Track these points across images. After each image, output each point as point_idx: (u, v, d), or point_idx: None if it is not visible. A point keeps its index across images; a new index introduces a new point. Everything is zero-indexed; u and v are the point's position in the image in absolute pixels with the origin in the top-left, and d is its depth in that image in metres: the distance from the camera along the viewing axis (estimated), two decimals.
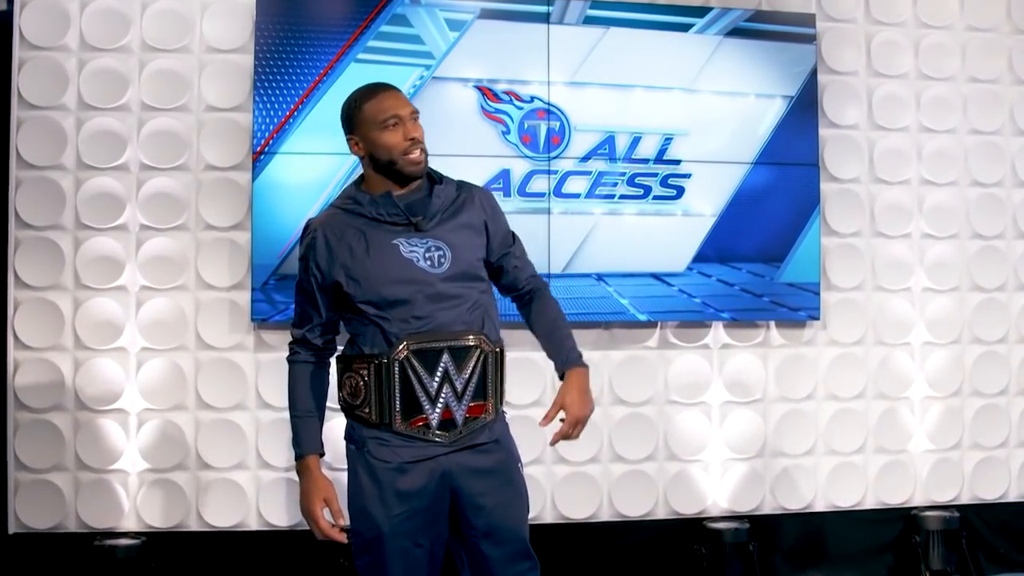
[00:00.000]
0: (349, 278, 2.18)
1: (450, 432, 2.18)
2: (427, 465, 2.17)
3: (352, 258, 2.18)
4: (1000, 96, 4.08)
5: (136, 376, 3.56)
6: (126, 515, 3.53)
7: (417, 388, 2.16)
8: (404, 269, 2.17)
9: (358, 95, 2.27)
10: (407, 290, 2.16)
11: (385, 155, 2.20)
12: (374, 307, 2.18)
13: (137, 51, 3.59)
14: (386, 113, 2.19)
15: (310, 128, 3.56)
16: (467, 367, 2.19)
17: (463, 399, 2.19)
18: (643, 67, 3.78)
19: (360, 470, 2.20)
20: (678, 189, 3.82)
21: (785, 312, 3.85)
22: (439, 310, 2.18)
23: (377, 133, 2.19)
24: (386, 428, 2.17)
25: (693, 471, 3.84)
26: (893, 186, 3.99)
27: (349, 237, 2.20)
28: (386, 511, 2.15)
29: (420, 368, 2.15)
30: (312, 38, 3.58)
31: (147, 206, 3.58)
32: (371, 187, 2.26)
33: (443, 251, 2.20)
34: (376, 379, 2.16)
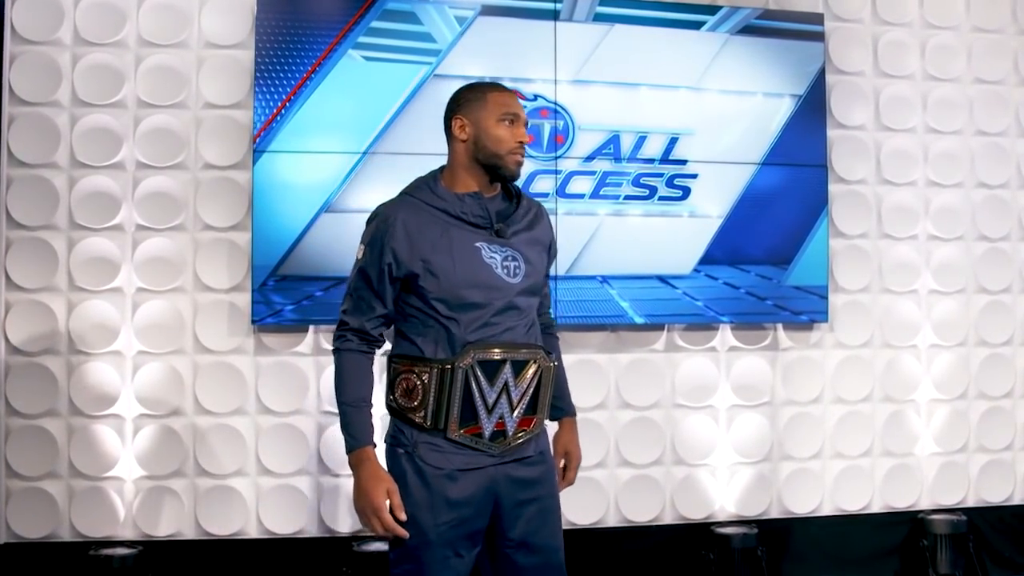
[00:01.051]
0: (428, 271, 2.12)
1: (500, 443, 2.16)
2: (477, 474, 2.14)
3: (434, 252, 2.12)
4: (1005, 97, 4.07)
5: (132, 380, 3.46)
6: (122, 524, 3.44)
7: (476, 397, 2.12)
8: (484, 273, 2.14)
9: (481, 84, 2.27)
10: (484, 295, 2.13)
11: (492, 146, 2.16)
12: (446, 306, 2.13)
13: (133, 46, 3.49)
14: (508, 108, 2.18)
15: (311, 126, 3.48)
16: (524, 380, 2.17)
17: (515, 411, 2.16)
18: (649, 65, 3.73)
19: (409, 475, 2.13)
20: (684, 190, 3.77)
21: (792, 315, 3.81)
22: (508, 320, 2.16)
23: (492, 123, 2.16)
24: (439, 434, 2.12)
25: (700, 475, 3.80)
26: (900, 187, 3.97)
27: (431, 230, 2.13)
28: (434, 518, 2.10)
29: (483, 377, 2.12)
30: (314, 33, 3.50)
31: (143, 206, 3.48)
32: (453, 183, 2.20)
33: (519, 262, 2.19)
34: (438, 384, 2.11)
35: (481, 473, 2.14)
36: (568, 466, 2.35)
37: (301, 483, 3.54)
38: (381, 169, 3.52)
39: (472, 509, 2.13)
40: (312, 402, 3.56)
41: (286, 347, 3.55)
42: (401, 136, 3.54)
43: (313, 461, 3.55)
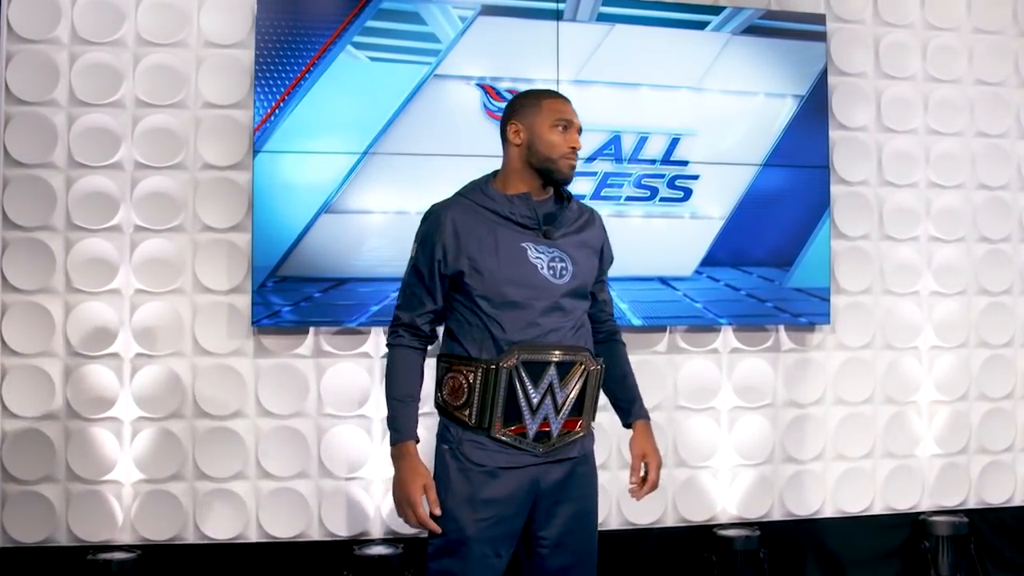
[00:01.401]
0: (473, 269, 2.17)
1: (544, 444, 2.19)
2: (518, 473, 2.17)
3: (480, 250, 2.17)
4: (1006, 99, 4.07)
5: (130, 383, 3.42)
6: (120, 528, 3.40)
7: (521, 398, 2.16)
8: (529, 273, 2.18)
9: (537, 90, 2.33)
10: (528, 294, 2.17)
11: (545, 151, 2.21)
12: (490, 304, 2.17)
13: (131, 45, 3.46)
14: (562, 114, 2.23)
15: (311, 126, 3.45)
16: (570, 382, 2.19)
17: (561, 413, 2.19)
18: (650, 65, 3.71)
19: (452, 471, 2.18)
20: (686, 191, 3.75)
21: (794, 317, 3.80)
22: (552, 321, 2.19)
23: (547, 128, 2.22)
24: (483, 432, 2.17)
25: (702, 477, 3.78)
26: (901, 189, 3.96)
27: (479, 229, 2.19)
28: (473, 514, 2.15)
29: (527, 378, 2.15)
30: (315, 32, 3.46)
31: (142, 206, 3.45)
32: (505, 185, 2.25)
33: (566, 264, 2.22)
34: (482, 383, 2.15)
35: (523, 472, 2.17)
36: (648, 469, 2.35)
37: (301, 486, 3.51)
38: (381, 169, 3.49)
39: (513, 507, 2.17)
40: (312, 405, 3.53)
41: (286, 349, 3.52)
42: (401, 136, 3.51)
43: (313, 464, 3.52)
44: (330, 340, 3.55)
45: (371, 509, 3.55)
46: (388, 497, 3.55)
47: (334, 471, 3.53)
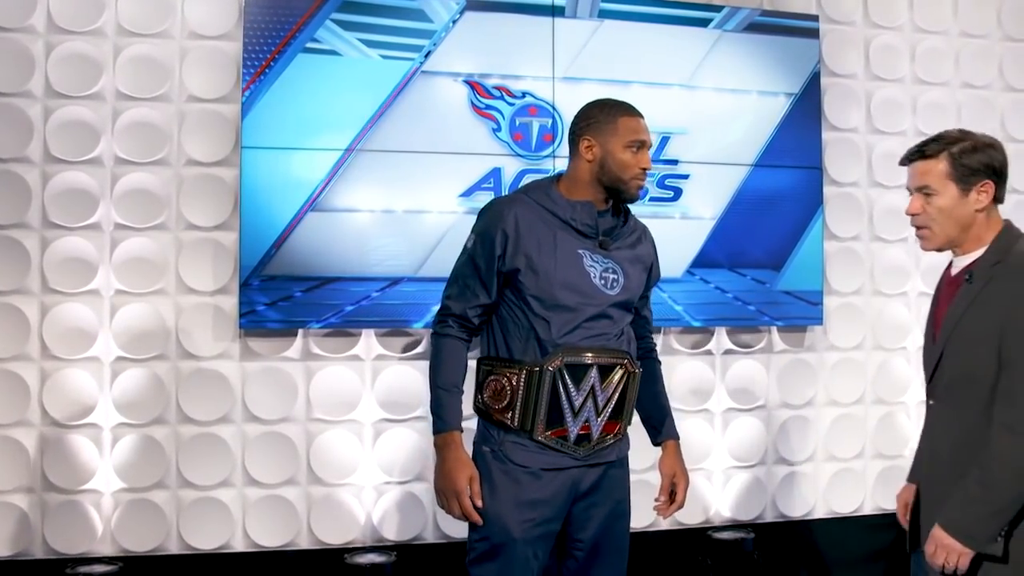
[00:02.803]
0: (530, 268, 2.17)
1: (583, 447, 2.20)
2: (560, 475, 2.19)
3: (539, 250, 2.18)
4: (992, 102, 4.11)
5: (110, 388, 3.28)
6: (100, 539, 3.25)
7: (563, 400, 2.16)
8: (582, 279, 2.19)
9: (613, 105, 2.27)
10: (578, 299, 2.18)
11: (617, 171, 2.21)
12: (541, 304, 2.18)
13: (112, 35, 3.31)
14: (638, 135, 2.23)
15: (300, 122, 3.34)
16: (611, 386, 2.21)
17: (601, 415, 2.20)
18: (640, 62, 3.66)
19: (496, 473, 2.18)
20: (676, 190, 3.72)
21: (787, 318, 3.79)
22: (598, 327, 2.20)
23: (621, 149, 2.21)
24: (526, 435, 2.18)
25: (697, 480, 3.75)
26: (891, 190, 3.98)
27: (539, 230, 2.19)
28: (519, 515, 2.15)
29: (570, 381, 2.16)
30: (304, 25, 3.35)
31: (123, 203, 3.30)
32: (569, 191, 2.26)
33: (618, 276, 2.24)
34: (526, 386, 2.16)
35: (564, 474, 2.19)
36: (677, 489, 2.38)
37: (290, 494, 3.39)
38: (367, 167, 3.40)
39: (553, 509, 2.18)
40: (301, 409, 3.42)
41: (274, 352, 3.41)
42: (389, 133, 3.42)
43: (302, 471, 3.41)
44: (319, 342, 3.44)
45: (362, 516, 3.45)
46: (379, 504, 3.46)
47: (324, 478, 3.42)
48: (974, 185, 1.99)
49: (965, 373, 1.94)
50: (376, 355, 3.47)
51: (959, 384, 1.95)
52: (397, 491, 3.48)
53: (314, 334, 3.43)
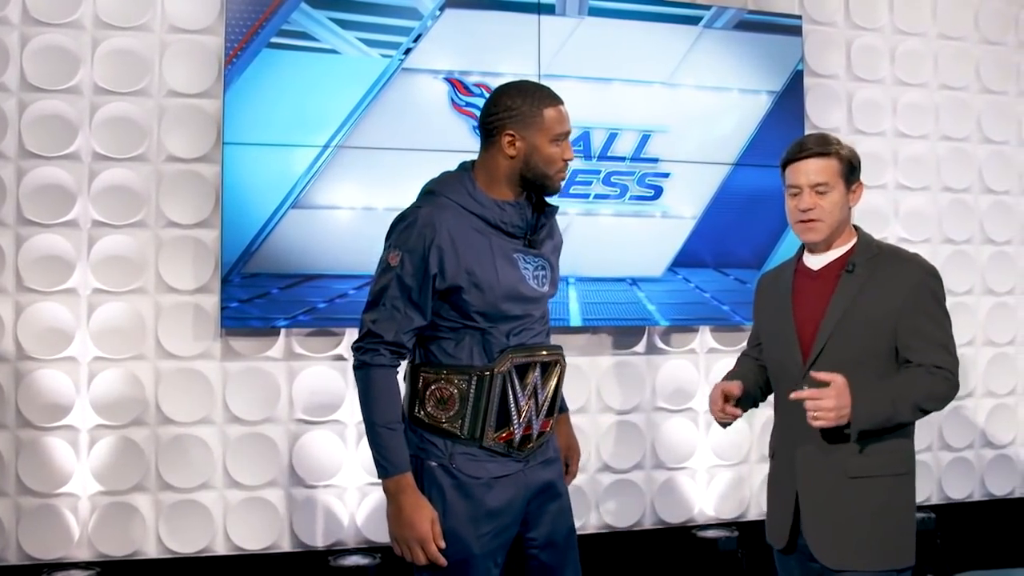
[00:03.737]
0: (473, 285, 2.03)
1: (526, 447, 2.13)
2: (510, 480, 2.10)
3: (480, 265, 2.04)
4: (969, 104, 4.16)
5: (88, 389, 3.20)
6: (76, 544, 3.18)
7: (511, 403, 2.08)
8: (522, 286, 2.10)
9: (534, 93, 2.09)
10: (523, 308, 2.10)
11: (542, 166, 2.08)
12: (485, 318, 2.06)
13: (90, 27, 3.23)
14: (563, 128, 2.10)
15: (282, 118, 3.29)
16: (549, 382, 2.16)
17: (541, 414, 2.14)
18: (621, 60, 3.65)
19: (447, 488, 2.05)
20: (656, 189, 3.71)
21: (718, 321, 3.77)
22: (537, 325, 2.16)
23: (546, 143, 2.07)
24: (474, 443, 2.06)
25: (681, 479, 3.76)
26: (871, 190, 4.00)
27: (474, 240, 2.05)
28: (476, 530, 2.05)
29: (517, 383, 2.08)
30: (287, 20, 3.30)
31: (101, 200, 3.23)
32: (491, 188, 2.10)
33: (547, 271, 2.18)
34: (476, 391, 2.04)
35: (513, 479, 2.10)
36: (571, 461, 2.37)
37: (272, 496, 3.34)
38: (349, 164, 3.36)
39: (510, 516, 2.10)
40: (284, 410, 3.37)
41: (256, 351, 3.35)
42: (370, 130, 3.38)
43: (285, 472, 3.36)
44: (302, 342, 3.39)
45: (346, 518, 3.41)
46: (364, 505, 3.42)
47: (306, 479, 3.37)
48: (852, 185, 2.15)
49: (855, 357, 2.05)
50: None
51: (847, 368, 2.01)
52: (381, 492, 3.42)
53: (296, 333, 3.38)
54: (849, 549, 2.04)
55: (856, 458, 2.04)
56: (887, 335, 2.07)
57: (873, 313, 2.07)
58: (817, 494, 2.08)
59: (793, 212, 2.16)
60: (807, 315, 2.14)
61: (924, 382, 2.02)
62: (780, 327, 2.18)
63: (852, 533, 2.04)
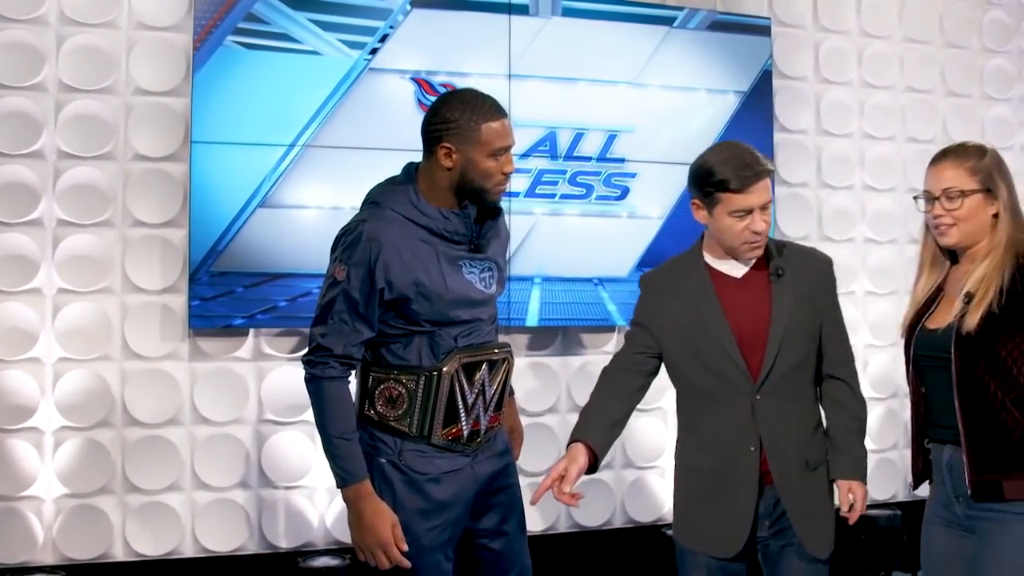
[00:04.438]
0: (420, 295, 2.09)
1: (474, 442, 2.19)
2: (459, 475, 2.17)
3: (428, 276, 2.09)
4: (934, 106, 4.22)
5: (52, 390, 3.16)
6: (40, 548, 3.13)
7: (459, 401, 2.14)
8: (470, 292, 2.16)
9: (474, 106, 2.09)
10: (471, 312, 2.17)
11: (478, 180, 2.10)
12: (434, 324, 2.13)
13: (55, 23, 3.19)
14: (503, 143, 2.10)
15: (250, 117, 3.26)
16: (496, 379, 2.22)
17: (489, 409, 2.21)
18: (588, 60, 3.65)
19: (397, 484, 2.13)
20: (622, 189, 3.71)
21: None
22: (484, 325, 2.22)
23: (483, 158, 2.08)
24: (423, 440, 2.13)
25: (650, 478, 3.78)
26: (839, 191, 4.05)
27: (421, 251, 2.10)
28: (426, 523, 2.13)
29: (464, 381, 2.15)
30: (256, 17, 3.28)
31: (66, 199, 3.19)
32: (432, 197, 2.14)
33: (493, 272, 2.23)
34: (424, 390, 2.11)
35: (461, 474, 2.17)
36: (514, 443, 2.42)
37: (240, 497, 3.32)
38: (317, 163, 3.34)
39: (459, 510, 2.18)
40: (252, 411, 3.35)
41: (224, 352, 3.32)
42: (338, 129, 3.37)
43: (253, 473, 3.34)
44: (271, 342, 3.37)
45: (315, 519, 3.39)
46: (333, 506, 3.40)
47: (275, 480, 3.35)
48: None
49: (799, 361, 2.13)
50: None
51: (792, 374, 2.12)
52: None
53: (265, 333, 3.35)
54: (828, 534, 2.15)
55: (812, 449, 2.16)
56: (816, 335, 2.18)
57: (806, 316, 2.15)
58: (797, 494, 2.11)
59: (743, 234, 2.08)
60: (745, 327, 2.11)
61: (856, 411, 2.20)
62: (717, 340, 2.11)
63: (826, 519, 2.15)
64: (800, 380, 2.15)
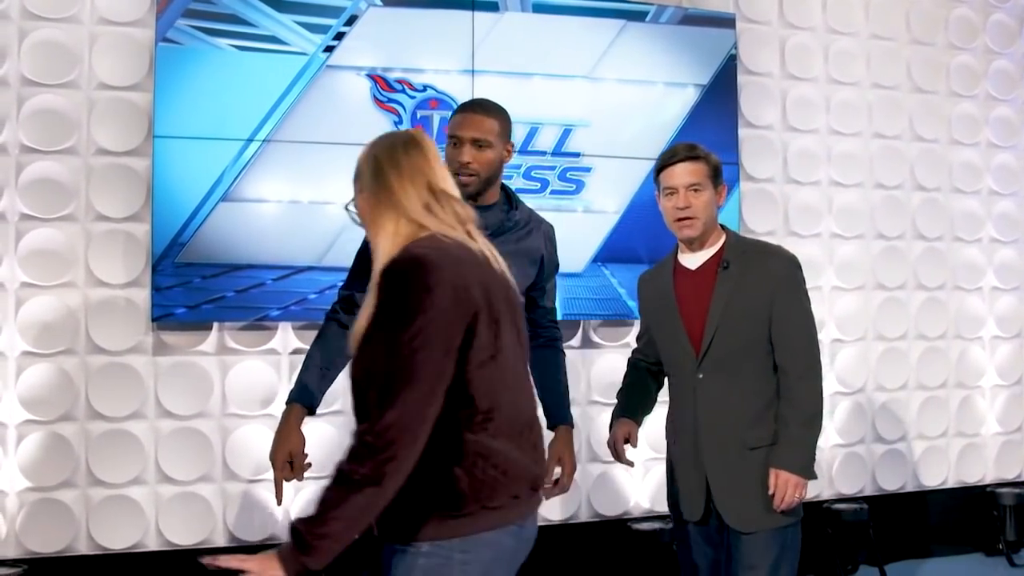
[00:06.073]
0: None
1: None
2: None
3: None
4: (900, 103, 4.25)
5: (15, 384, 3.17)
6: (3, 541, 3.14)
7: None
8: None
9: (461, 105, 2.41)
10: None
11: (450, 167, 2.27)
12: None
13: (16, 18, 3.21)
14: (451, 130, 2.32)
15: (212, 112, 3.28)
16: None
17: None
18: (542, 54, 3.66)
19: None
20: (578, 183, 3.71)
21: None
22: None
23: (447, 146, 2.32)
24: None
25: (615, 472, 3.79)
26: (805, 187, 4.08)
27: None
28: None
29: None
30: (219, 13, 3.29)
31: (28, 193, 3.20)
32: None
33: None
34: None
35: None
36: (563, 473, 2.44)
37: (205, 490, 3.33)
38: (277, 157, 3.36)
39: None
40: (216, 404, 3.36)
41: (188, 346, 3.34)
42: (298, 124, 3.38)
43: (218, 467, 3.35)
44: (235, 336, 3.38)
45: (280, 512, 3.40)
46: (298, 499, 3.41)
47: (240, 473, 3.36)
48: (718, 187, 2.37)
49: (741, 346, 2.29)
50: (293, 348, 3.42)
51: (734, 356, 2.29)
52: (315, 486, 3.41)
53: (229, 328, 3.36)
54: (756, 512, 2.27)
55: (752, 431, 2.29)
56: (764, 323, 2.31)
57: (750, 304, 2.30)
58: (724, 468, 2.30)
59: (671, 211, 2.36)
60: (692, 311, 2.35)
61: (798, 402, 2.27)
62: (669, 324, 2.40)
63: (757, 497, 2.26)
64: (745, 364, 2.30)
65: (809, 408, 2.28)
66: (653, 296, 2.48)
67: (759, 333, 2.30)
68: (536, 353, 2.39)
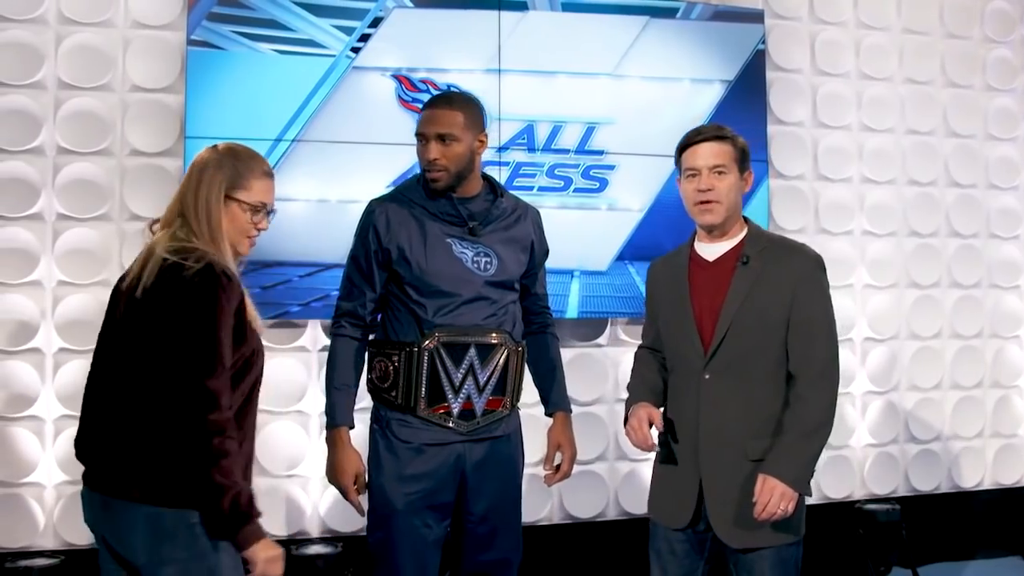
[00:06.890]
0: (402, 257, 2.32)
1: (468, 422, 2.34)
2: (443, 450, 2.32)
3: (409, 242, 2.33)
4: (934, 98, 4.18)
5: (53, 380, 3.25)
6: (41, 533, 3.23)
7: (443, 378, 2.31)
8: (453, 265, 2.33)
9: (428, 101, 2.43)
10: (452, 285, 2.32)
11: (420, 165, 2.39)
12: (417, 291, 2.32)
13: (53, 23, 3.29)
14: (417, 128, 2.36)
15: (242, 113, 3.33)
16: (491, 363, 2.35)
17: (483, 392, 2.34)
18: (566, 52, 3.64)
19: (381, 448, 2.34)
20: (601, 181, 3.70)
21: None
22: (477, 309, 2.34)
23: (417, 144, 2.36)
24: (410, 412, 2.32)
25: (643, 470, 3.78)
26: (836, 184, 4.03)
27: (408, 223, 2.35)
28: (401, 488, 2.30)
29: (448, 359, 2.30)
30: (248, 17, 3.35)
31: (65, 193, 3.28)
32: None
33: (491, 258, 2.37)
34: (406, 365, 2.31)
35: (448, 449, 2.33)
36: (563, 460, 2.50)
37: None
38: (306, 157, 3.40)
39: (436, 482, 2.32)
40: None
41: None
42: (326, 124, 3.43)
43: None
44: (267, 332, 3.41)
45: (309, 508, 3.45)
46: (326, 495, 3.45)
47: (270, 469, 3.41)
48: (744, 172, 2.22)
49: (753, 348, 2.14)
50: (323, 346, 3.47)
51: (746, 358, 2.13)
52: None
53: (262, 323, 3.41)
54: (750, 527, 2.10)
55: (755, 441, 2.12)
56: (780, 326, 2.15)
57: (768, 304, 2.15)
58: (721, 478, 2.14)
59: (691, 194, 2.21)
60: (705, 305, 2.20)
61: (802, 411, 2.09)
62: (679, 317, 2.23)
63: (749, 511, 2.08)
64: (755, 368, 2.13)
65: (815, 418, 2.09)
66: (665, 284, 2.31)
67: (774, 336, 2.13)
68: (529, 340, 2.50)
